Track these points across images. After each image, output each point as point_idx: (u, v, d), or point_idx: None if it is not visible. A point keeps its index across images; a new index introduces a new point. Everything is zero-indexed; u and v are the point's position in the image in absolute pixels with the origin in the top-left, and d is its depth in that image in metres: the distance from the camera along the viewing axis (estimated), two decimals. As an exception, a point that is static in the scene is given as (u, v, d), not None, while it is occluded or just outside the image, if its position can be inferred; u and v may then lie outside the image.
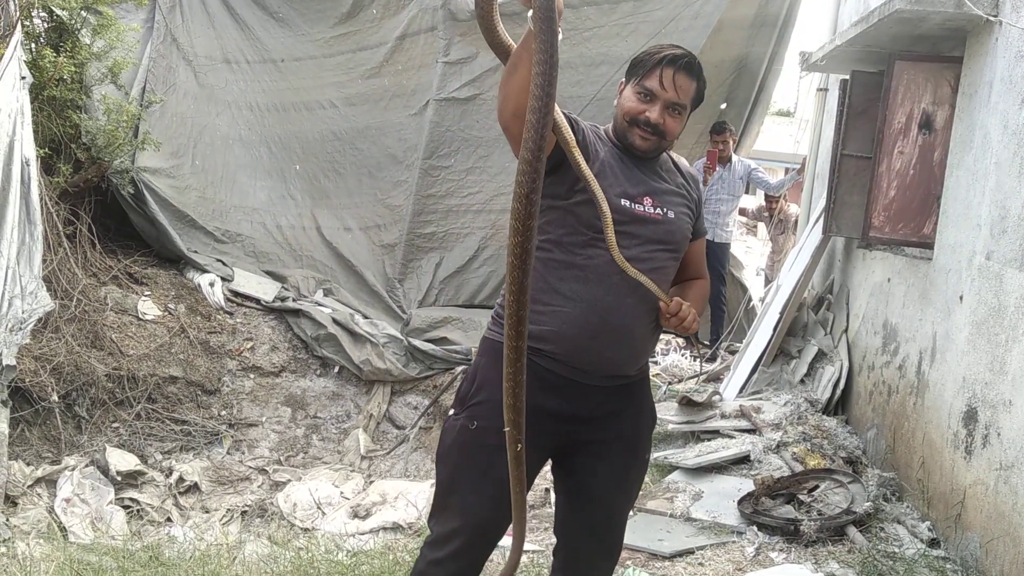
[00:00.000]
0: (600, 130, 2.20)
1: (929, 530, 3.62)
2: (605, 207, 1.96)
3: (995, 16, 3.64)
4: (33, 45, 5.57)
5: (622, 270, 2.03)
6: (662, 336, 7.89)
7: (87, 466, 5.02)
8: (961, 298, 3.63)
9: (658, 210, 2.15)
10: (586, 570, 2.34)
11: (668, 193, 2.20)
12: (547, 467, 2.35)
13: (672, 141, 2.19)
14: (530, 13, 1.62)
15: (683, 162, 2.35)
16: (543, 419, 2.08)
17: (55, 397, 5.04)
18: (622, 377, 2.19)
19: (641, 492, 4.30)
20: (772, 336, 5.59)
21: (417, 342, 6.36)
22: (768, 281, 8.24)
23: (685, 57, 2.10)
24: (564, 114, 1.99)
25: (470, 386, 2.19)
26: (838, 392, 5.00)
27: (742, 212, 8.56)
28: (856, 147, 4.99)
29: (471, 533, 2.13)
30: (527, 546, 3.58)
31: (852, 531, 3.67)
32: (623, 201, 2.10)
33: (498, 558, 3.57)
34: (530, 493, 2.40)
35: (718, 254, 7.34)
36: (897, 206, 4.47)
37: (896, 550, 3.49)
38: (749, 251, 12.74)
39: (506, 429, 1.74)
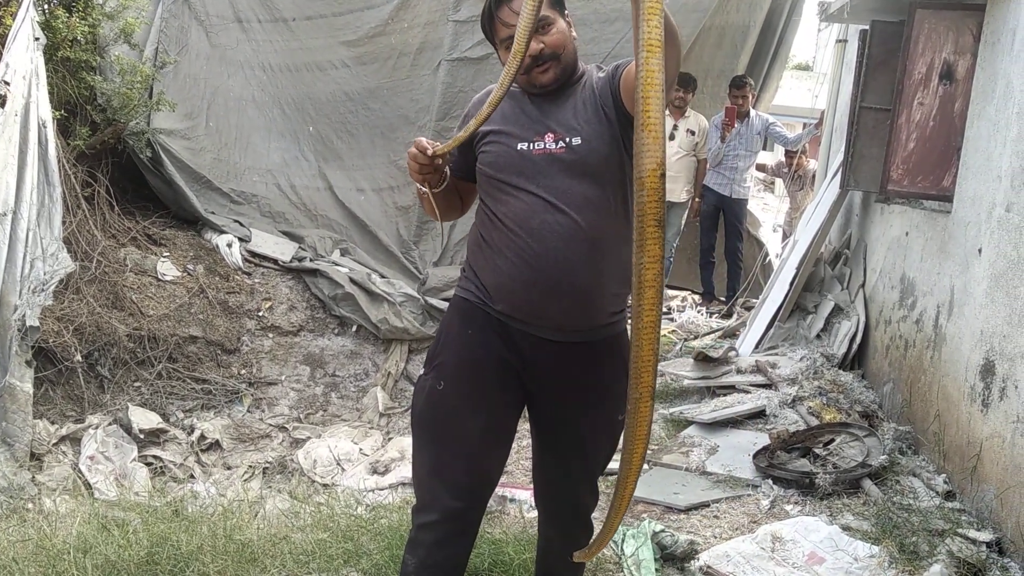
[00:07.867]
0: (483, 95, 2.20)
1: (945, 483, 3.63)
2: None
3: (1019, -39, 3.56)
4: (46, 6, 5.54)
5: (542, 212, 2.01)
6: (678, 293, 7.90)
7: (110, 424, 5.10)
8: (980, 251, 3.59)
9: (560, 143, 2.05)
10: (553, 528, 2.34)
11: (573, 116, 2.08)
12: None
13: (571, 51, 2.10)
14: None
15: (597, 73, 2.15)
16: (504, 367, 2.11)
17: (78, 357, 5.11)
18: (577, 332, 2.10)
19: (657, 447, 4.35)
20: (788, 291, 5.57)
21: (434, 301, 6.37)
22: (785, 237, 8.19)
23: None
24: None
25: (436, 344, 2.19)
26: (854, 347, 4.99)
27: (760, 168, 8.48)
28: (875, 99, 4.91)
29: (454, 497, 2.09)
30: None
31: (867, 484, 3.68)
32: (519, 145, 2.06)
33: (515, 511, 3.62)
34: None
35: (735, 210, 7.30)
36: (916, 159, 4.41)
37: (911, 502, 3.50)
38: (767, 208, 12.61)
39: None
